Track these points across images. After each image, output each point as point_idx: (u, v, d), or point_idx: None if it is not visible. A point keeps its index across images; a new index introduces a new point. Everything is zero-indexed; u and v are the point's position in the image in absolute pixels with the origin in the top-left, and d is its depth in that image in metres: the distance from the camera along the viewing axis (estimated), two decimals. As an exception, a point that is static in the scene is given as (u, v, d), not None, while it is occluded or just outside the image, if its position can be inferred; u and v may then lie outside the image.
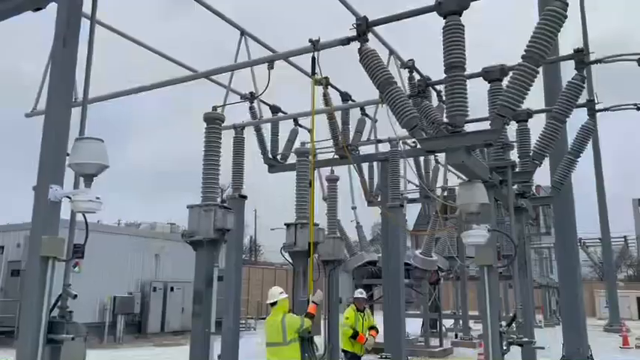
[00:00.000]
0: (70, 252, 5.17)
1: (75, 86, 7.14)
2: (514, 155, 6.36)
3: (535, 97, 6.53)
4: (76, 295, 4.53)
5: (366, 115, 10.78)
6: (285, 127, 10.97)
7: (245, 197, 7.64)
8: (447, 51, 4.51)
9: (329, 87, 9.30)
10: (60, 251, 4.12)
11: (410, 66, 6.93)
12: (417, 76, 6.78)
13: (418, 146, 9.79)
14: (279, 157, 10.87)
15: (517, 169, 6.20)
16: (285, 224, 7.03)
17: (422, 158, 14.32)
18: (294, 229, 6.89)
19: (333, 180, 8.62)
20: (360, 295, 7.85)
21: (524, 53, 4.34)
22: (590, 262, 38.67)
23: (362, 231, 14.36)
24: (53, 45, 4.56)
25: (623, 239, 36.52)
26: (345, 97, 10.15)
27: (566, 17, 4.28)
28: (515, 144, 6.18)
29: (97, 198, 4.09)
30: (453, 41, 4.49)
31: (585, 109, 7.05)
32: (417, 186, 15.88)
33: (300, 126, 10.87)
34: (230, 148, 8.63)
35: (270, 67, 5.55)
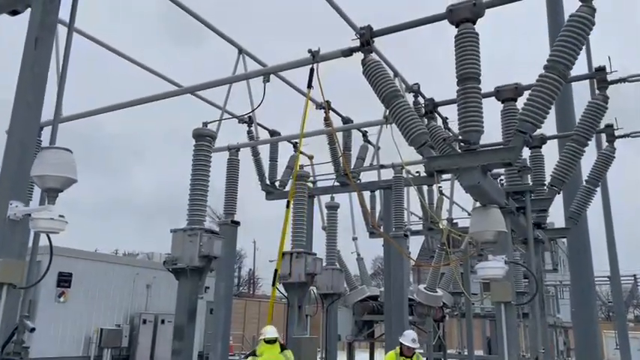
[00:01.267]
0: (40, 279, 4.61)
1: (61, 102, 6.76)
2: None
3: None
4: (33, 329, 3.97)
5: (369, 142, 10.35)
6: (284, 153, 10.55)
7: (237, 223, 7.10)
8: (459, 61, 4.08)
9: (330, 111, 8.94)
10: (16, 277, 3.58)
11: (415, 90, 6.54)
12: (422, 100, 6.39)
13: (423, 174, 9.32)
14: (277, 183, 10.41)
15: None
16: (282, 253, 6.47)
17: (425, 188, 13.81)
18: (290, 259, 6.33)
19: (333, 207, 8.11)
20: (406, 343, 6.23)
21: (547, 63, 3.90)
22: (598, 302, 37.55)
23: (363, 263, 13.73)
24: (24, 48, 4.14)
25: (632, 278, 35.53)
26: (347, 121, 9.75)
27: (593, 24, 3.85)
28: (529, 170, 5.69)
29: (61, 216, 3.57)
30: (467, 51, 4.05)
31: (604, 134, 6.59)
32: (419, 218, 15.30)
33: (301, 152, 10.43)
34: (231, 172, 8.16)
35: (266, 81, 5.12)
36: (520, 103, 5.74)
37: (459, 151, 4.02)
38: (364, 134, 10.43)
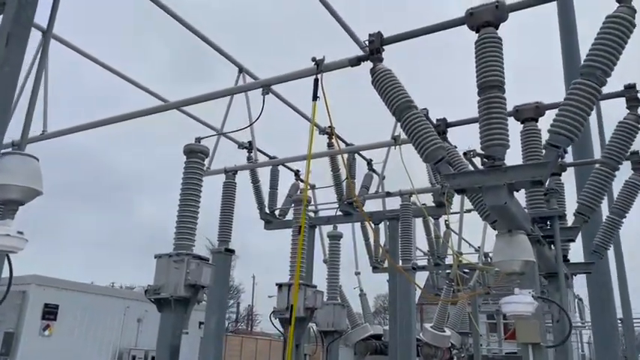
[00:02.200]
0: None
1: (45, 117, 6.35)
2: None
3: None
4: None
5: (373, 171, 9.90)
6: (285, 182, 10.08)
7: (232, 252, 6.56)
8: (481, 69, 3.64)
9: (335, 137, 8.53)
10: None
11: (424, 115, 6.12)
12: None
13: (431, 203, 8.80)
14: (277, 212, 9.91)
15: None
16: (276, 284, 5.91)
17: (432, 223, 13.26)
18: (287, 292, 5.76)
19: (335, 237, 7.57)
20: None
21: (583, 69, 3.45)
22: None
23: (366, 300, 13.03)
24: (-4, 45, 3.72)
25: (642, 320, 34.30)
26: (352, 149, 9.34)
27: (634, 26, 3.42)
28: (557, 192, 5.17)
29: (20, 233, 3.05)
30: (489, 57, 3.62)
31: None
32: (425, 253, 14.70)
33: (302, 180, 9.99)
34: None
35: (265, 93, 4.68)
36: (541, 123, 5.33)
37: (482, 167, 3.53)
38: (369, 162, 10.00)
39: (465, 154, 3.53)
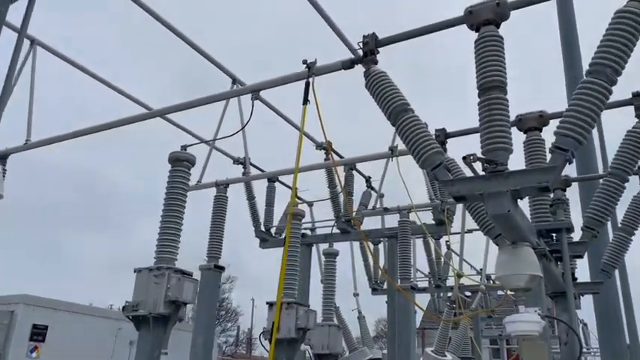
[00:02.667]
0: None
1: (29, 126, 6.12)
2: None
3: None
4: None
5: (372, 188, 9.66)
6: (282, 199, 9.82)
7: (222, 268, 6.25)
8: (481, 68, 3.40)
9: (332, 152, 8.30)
10: None
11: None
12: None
13: (431, 221, 8.50)
14: (273, 230, 9.64)
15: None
16: (267, 303, 5.59)
17: (432, 242, 12.92)
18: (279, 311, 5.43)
19: (331, 255, 7.26)
20: None
21: (591, 67, 3.21)
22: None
23: (365, 322, 12.61)
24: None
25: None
26: (350, 166, 9.10)
27: (645, 21, 3.18)
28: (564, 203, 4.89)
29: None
30: (490, 56, 3.39)
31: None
32: (425, 275, 14.32)
33: (299, 198, 9.72)
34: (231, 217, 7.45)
35: (255, 98, 4.45)
36: (545, 133, 5.09)
37: (483, 173, 3.27)
38: (367, 179, 9.76)
39: (464, 158, 3.26)
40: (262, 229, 9.56)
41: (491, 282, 14.31)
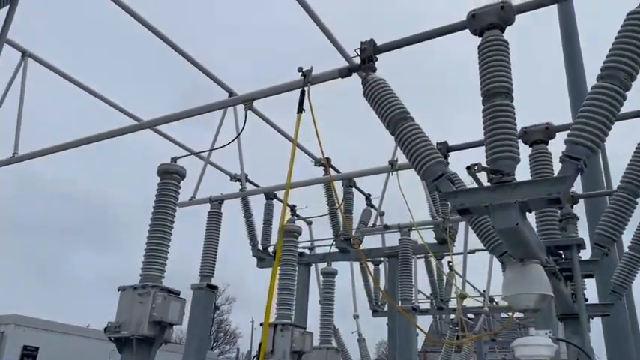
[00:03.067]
0: None
1: (17, 139, 5.94)
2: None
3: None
4: None
5: (372, 206, 9.43)
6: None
7: (215, 288, 5.98)
8: (485, 74, 3.21)
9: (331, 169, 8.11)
10: None
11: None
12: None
13: (433, 240, 8.24)
14: (270, 249, 9.38)
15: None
16: (260, 324, 5.31)
17: (434, 262, 12.62)
18: (273, 332, 5.17)
19: (330, 274, 7.02)
20: None
21: (602, 72, 3.02)
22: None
23: (365, 345, 12.24)
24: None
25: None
26: (350, 183, 8.89)
27: (659, 23, 3.00)
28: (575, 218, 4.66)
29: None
30: (494, 61, 3.20)
31: None
32: (427, 296, 13.99)
33: (298, 216, 9.49)
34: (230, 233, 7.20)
35: (248, 108, 4.26)
36: (552, 146, 4.89)
37: (488, 184, 3.05)
38: (367, 197, 9.54)
39: (468, 168, 3.04)
40: (259, 247, 9.32)
41: (495, 303, 13.97)
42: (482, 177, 3.11)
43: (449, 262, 12.69)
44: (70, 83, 6.19)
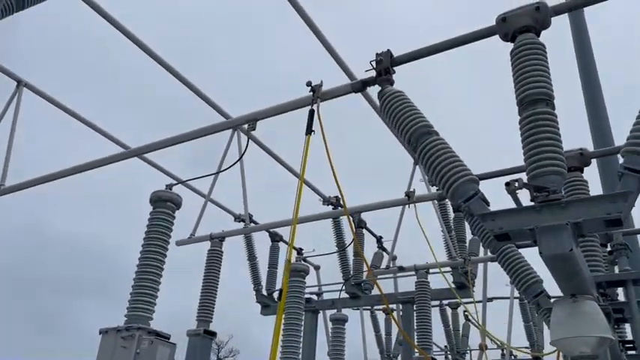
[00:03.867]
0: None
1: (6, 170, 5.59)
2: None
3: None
4: None
5: (383, 249, 8.92)
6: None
7: (213, 334, 5.40)
8: (521, 80, 2.81)
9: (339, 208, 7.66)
10: None
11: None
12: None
13: (448, 285, 7.63)
14: (275, 295, 8.79)
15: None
16: (263, 376, 4.72)
17: (449, 311, 11.89)
18: (277, 385, 4.55)
19: (339, 320, 6.42)
20: None
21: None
22: None
23: (377, 400, 11.37)
24: None
25: None
26: (360, 224, 8.42)
27: None
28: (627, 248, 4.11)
29: None
30: (531, 64, 2.81)
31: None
32: (441, 349, 13.15)
33: (305, 260, 8.96)
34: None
35: (251, 129, 3.86)
36: (587, 174, 4.42)
37: (532, 203, 2.58)
38: (379, 240, 9.05)
39: (507, 184, 2.58)
40: (264, 292, 8.75)
41: (513, 358, 13.10)
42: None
43: (464, 311, 11.96)
44: (64, 113, 5.89)
